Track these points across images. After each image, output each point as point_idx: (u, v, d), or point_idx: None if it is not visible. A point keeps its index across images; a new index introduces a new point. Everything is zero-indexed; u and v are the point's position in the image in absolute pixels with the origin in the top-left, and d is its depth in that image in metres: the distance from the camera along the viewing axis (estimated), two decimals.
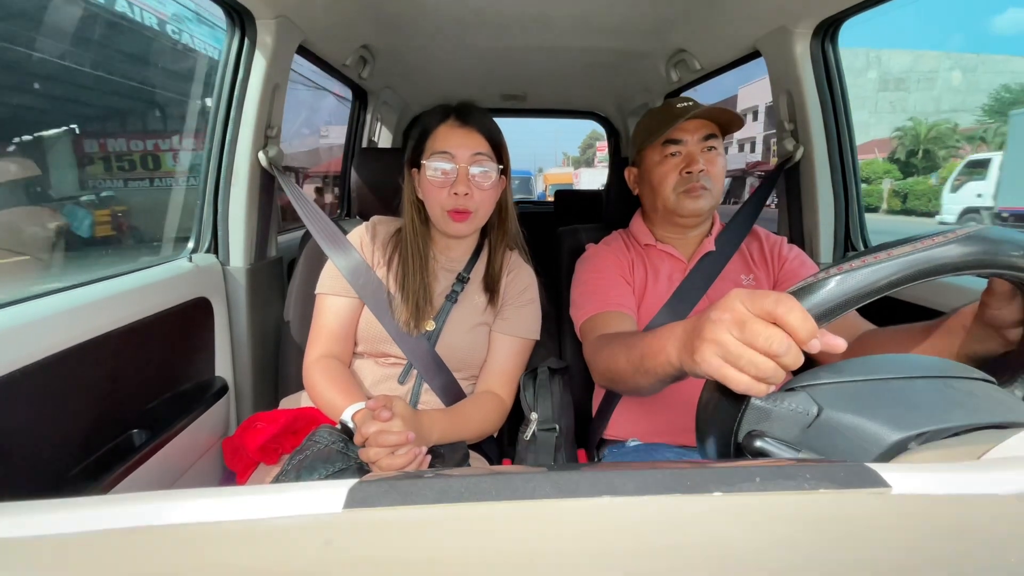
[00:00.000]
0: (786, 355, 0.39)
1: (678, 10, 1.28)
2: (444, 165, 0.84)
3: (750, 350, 0.40)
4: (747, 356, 0.40)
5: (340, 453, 0.71)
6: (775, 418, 0.42)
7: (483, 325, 0.95)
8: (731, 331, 0.41)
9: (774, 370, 0.39)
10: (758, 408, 0.43)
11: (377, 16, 1.33)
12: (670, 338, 0.53)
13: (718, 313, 0.43)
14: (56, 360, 0.71)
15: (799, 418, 0.42)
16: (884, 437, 0.38)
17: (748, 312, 0.41)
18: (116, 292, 0.83)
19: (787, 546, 0.23)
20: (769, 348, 0.39)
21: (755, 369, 0.40)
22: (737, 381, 0.41)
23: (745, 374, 0.40)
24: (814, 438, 0.41)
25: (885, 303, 0.46)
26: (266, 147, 1.11)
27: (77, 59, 4.28)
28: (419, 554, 0.23)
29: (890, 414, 0.39)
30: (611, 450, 0.98)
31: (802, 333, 0.38)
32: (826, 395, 0.42)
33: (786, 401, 0.43)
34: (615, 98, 2.25)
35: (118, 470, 0.78)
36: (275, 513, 0.25)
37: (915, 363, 0.45)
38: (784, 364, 0.39)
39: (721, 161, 0.94)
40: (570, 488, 0.26)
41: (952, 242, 0.41)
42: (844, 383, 0.43)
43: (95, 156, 5.22)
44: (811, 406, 0.42)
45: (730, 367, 0.41)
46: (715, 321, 0.42)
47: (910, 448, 0.37)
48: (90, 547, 0.23)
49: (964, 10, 73.55)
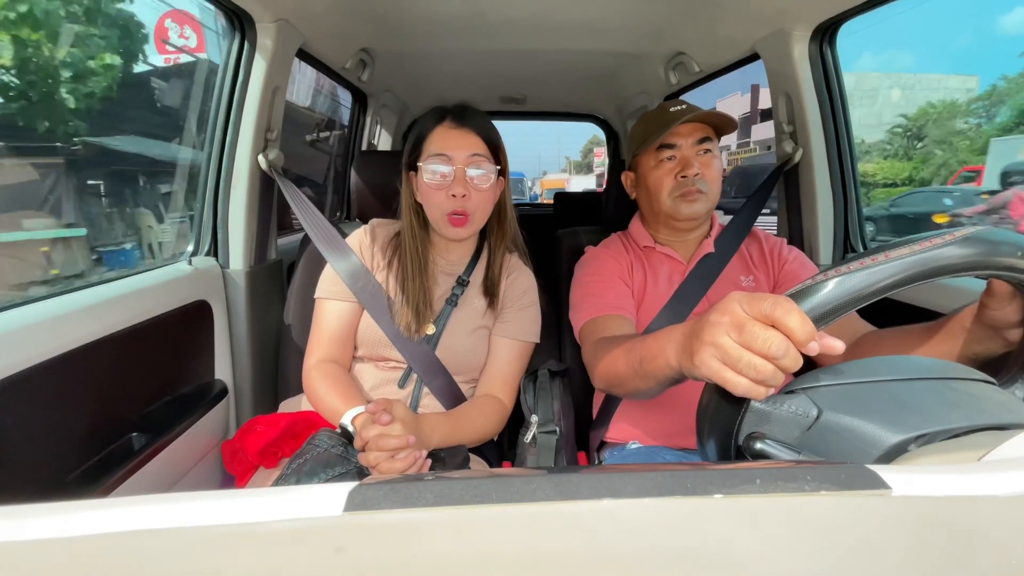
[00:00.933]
0: (784, 358, 0.39)
1: (677, 13, 1.29)
2: (441, 168, 0.84)
3: (749, 353, 0.40)
4: (746, 359, 0.40)
5: (340, 457, 0.71)
6: (775, 421, 0.42)
7: (483, 328, 0.95)
8: (730, 334, 0.41)
9: (773, 373, 0.39)
10: (758, 411, 0.43)
11: (377, 19, 1.33)
12: (669, 341, 0.53)
13: (717, 316, 0.43)
14: (56, 363, 0.71)
15: (799, 420, 0.42)
16: (883, 439, 0.38)
17: (746, 315, 0.41)
18: (116, 295, 0.83)
19: (788, 548, 0.23)
20: (767, 351, 0.39)
21: (754, 372, 0.40)
22: (736, 384, 0.41)
23: (744, 377, 0.40)
24: (814, 440, 0.41)
25: (885, 304, 0.46)
26: (266, 150, 1.11)
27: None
28: (419, 557, 0.23)
29: (889, 416, 0.39)
30: (611, 452, 0.98)
31: (800, 335, 0.38)
32: (825, 397, 0.42)
33: (786, 404, 0.43)
34: (614, 100, 2.25)
35: (118, 473, 0.78)
36: (274, 516, 0.24)
37: (914, 365, 0.45)
38: (783, 367, 0.39)
39: (717, 163, 0.94)
40: (570, 490, 0.26)
41: (950, 244, 0.42)
42: (843, 385, 0.43)
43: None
44: (811, 408, 0.42)
45: (729, 370, 0.41)
46: (714, 324, 0.43)
47: (909, 450, 0.37)
48: (89, 550, 0.23)
49: (905, 35, 77.29)
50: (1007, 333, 0.53)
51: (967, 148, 16.50)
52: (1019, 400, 0.42)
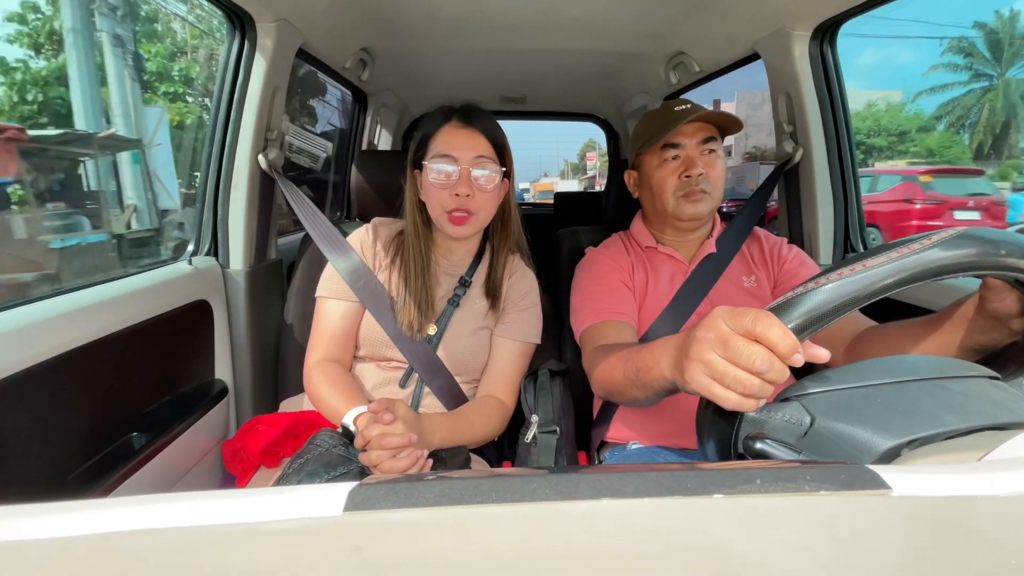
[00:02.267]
0: (769, 371, 0.39)
1: (677, 12, 1.29)
2: (446, 167, 0.84)
3: (735, 368, 0.41)
4: (732, 374, 0.41)
5: (341, 457, 0.71)
6: (769, 430, 0.43)
7: (484, 329, 0.95)
8: (715, 350, 0.42)
9: (760, 386, 0.40)
10: (752, 420, 0.43)
11: (377, 19, 1.33)
12: (664, 354, 0.53)
13: (703, 332, 0.44)
14: (56, 363, 0.71)
15: (793, 428, 0.42)
16: (875, 445, 0.38)
17: (731, 330, 0.42)
18: (116, 295, 0.83)
19: (788, 548, 0.23)
20: (752, 366, 0.40)
21: (741, 386, 0.40)
22: (726, 398, 0.41)
23: (732, 391, 0.41)
24: (809, 448, 0.41)
25: (882, 302, 0.46)
26: (266, 150, 1.11)
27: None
28: (419, 557, 0.23)
29: (881, 421, 0.39)
30: (612, 453, 0.98)
31: (782, 349, 0.39)
32: (819, 404, 0.42)
33: (779, 412, 0.43)
34: (614, 100, 2.25)
35: (117, 473, 0.78)
36: (274, 516, 0.24)
37: (909, 365, 0.45)
38: (769, 380, 0.40)
39: (720, 164, 0.94)
40: (570, 490, 0.26)
41: (931, 247, 0.42)
42: (836, 391, 0.43)
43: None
44: (804, 416, 0.42)
45: (718, 385, 0.42)
46: (700, 340, 0.43)
47: (902, 455, 0.37)
48: (90, 550, 0.23)
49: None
50: (1011, 322, 0.53)
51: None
52: (1018, 399, 0.42)
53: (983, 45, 24.11)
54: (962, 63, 24.48)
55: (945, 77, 24.96)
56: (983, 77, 24.19)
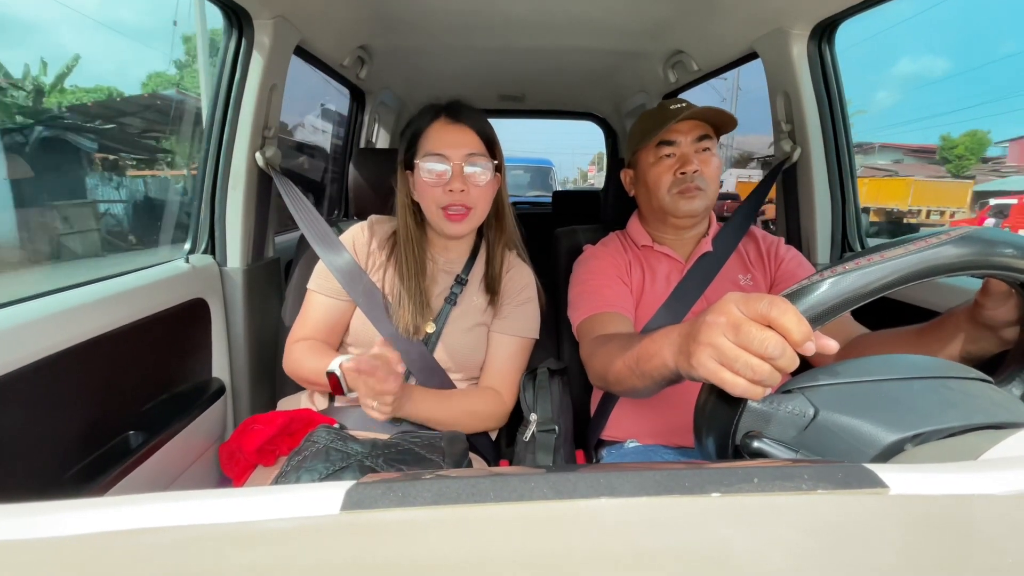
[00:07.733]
0: (781, 358, 0.39)
1: (676, 11, 1.29)
2: (438, 166, 0.84)
3: (745, 353, 0.40)
4: (742, 359, 0.40)
5: (339, 452, 0.71)
6: (772, 420, 0.43)
7: (482, 326, 0.94)
8: (726, 334, 0.41)
9: (770, 373, 0.39)
10: (755, 411, 0.43)
11: (375, 17, 1.32)
12: (666, 342, 0.53)
13: (713, 316, 0.43)
14: (52, 361, 0.70)
15: (796, 420, 0.42)
16: (880, 439, 0.38)
17: (743, 315, 0.41)
18: (112, 293, 0.82)
19: (785, 547, 0.23)
20: (764, 351, 0.39)
21: (751, 372, 0.40)
22: (733, 384, 0.41)
23: (741, 377, 0.41)
24: (811, 440, 0.41)
25: (881, 303, 0.47)
26: (263, 148, 1.10)
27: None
28: (417, 556, 0.23)
29: (886, 416, 0.39)
30: (609, 451, 0.98)
31: (796, 335, 0.39)
32: (822, 397, 0.42)
33: (783, 404, 0.43)
34: (613, 99, 2.25)
35: (114, 472, 0.78)
36: (271, 515, 0.24)
37: (911, 364, 0.45)
38: (779, 367, 0.39)
39: (715, 161, 0.94)
40: (568, 489, 0.26)
41: (946, 243, 0.42)
42: (840, 385, 0.43)
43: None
44: (807, 408, 0.42)
45: (726, 370, 0.41)
46: (711, 324, 0.43)
47: (905, 449, 0.38)
48: (86, 549, 0.23)
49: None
50: (1003, 332, 0.53)
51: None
52: (1016, 398, 0.42)
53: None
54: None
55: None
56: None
